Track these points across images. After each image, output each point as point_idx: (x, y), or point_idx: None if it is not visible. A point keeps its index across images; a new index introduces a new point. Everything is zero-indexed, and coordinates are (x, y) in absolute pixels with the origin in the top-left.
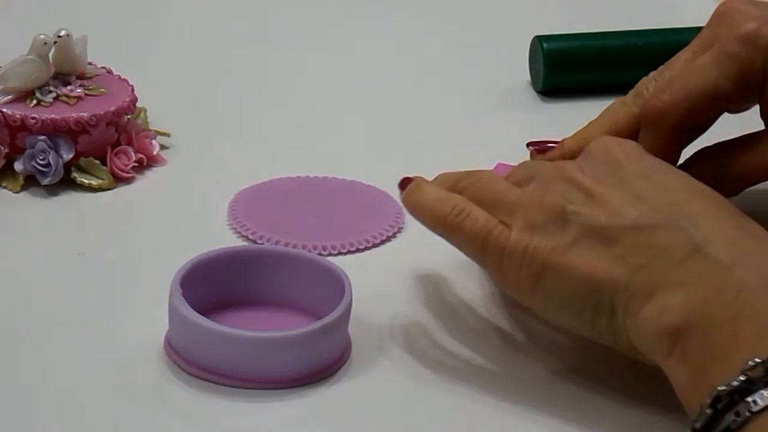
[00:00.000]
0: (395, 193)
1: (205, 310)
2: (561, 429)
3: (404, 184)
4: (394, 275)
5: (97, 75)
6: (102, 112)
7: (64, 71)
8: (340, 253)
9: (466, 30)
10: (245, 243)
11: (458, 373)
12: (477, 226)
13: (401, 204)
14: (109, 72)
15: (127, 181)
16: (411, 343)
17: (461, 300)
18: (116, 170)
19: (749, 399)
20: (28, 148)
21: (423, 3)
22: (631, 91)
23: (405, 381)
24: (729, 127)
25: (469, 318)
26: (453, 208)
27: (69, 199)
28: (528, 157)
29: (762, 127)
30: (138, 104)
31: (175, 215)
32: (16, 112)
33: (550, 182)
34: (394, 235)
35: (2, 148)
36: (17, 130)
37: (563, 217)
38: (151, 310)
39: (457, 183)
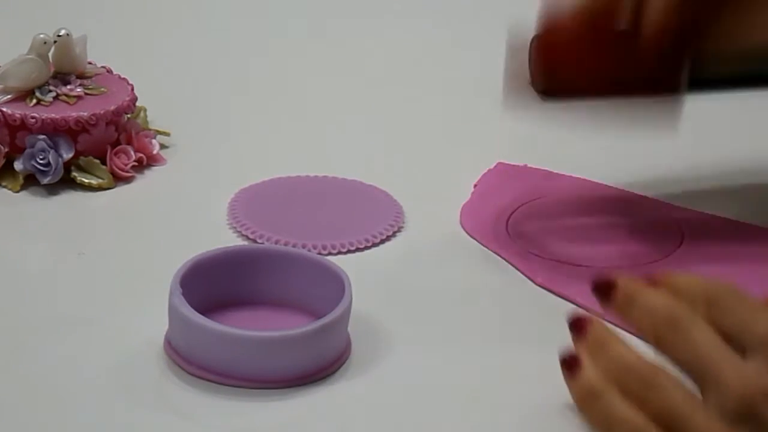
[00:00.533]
0: (395, 193)
1: (205, 310)
2: (562, 422)
3: (570, 365)
4: (394, 275)
5: (96, 74)
6: (102, 112)
7: (64, 71)
8: (340, 253)
9: (466, 30)
10: (245, 242)
11: (458, 372)
12: None
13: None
14: (109, 71)
15: (127, 180)
16: (411, 343)
17: (461, 299)
18: (116, 169)
19: None
20: (27, 147)
21: (423, 3)
22: None
23: (405, 381)
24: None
25: (470, 317)
26: None
27: (69, 198)
28: (526, 161)
29: None
30: (138, 103)
31: (175, 215)
32: (16, 111)
33: (738, 416)
34: (394, 235)
35: (2, 147)
36: (17, 129)
37: None
38: (151, 310)
39: (643, 395)
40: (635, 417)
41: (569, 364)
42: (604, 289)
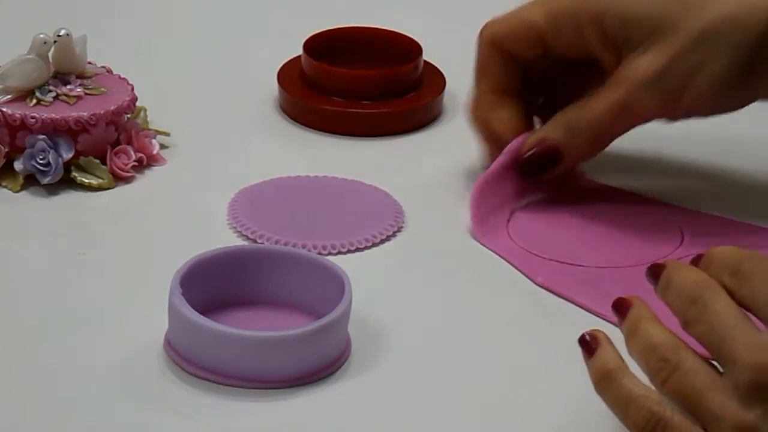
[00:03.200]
0: (395, 193)
1: (205, 310)
2: (563, 421)
3: (589, 345)
4: (394, 275)
5: (96, 74)
6: (102, 112)
7: (64, 71)
8: (340, 253)
9: (466, 30)
10: (245, 242)
11: (458, 372)
12: None
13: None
14: (109, 71)
15: (127, 180)
16: (411, 343)
17: (461, 299)
18: (116, 169)
19: None
20: (27, 147)
21: (423, 3)
22: None
23: (405, 381)
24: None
25: (470, 317)
26: (649, 420)
27: (69, 198)
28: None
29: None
30: (138, 103)
31: (175, 215)
32: (16, 111)
33: (752, 394)
34: (394, 235)
35: (2, 147)
36: (17, 129)
37: None
38: (151, 310)
39: (657, 373)
40: (650, 395)
41: (586, 344)
42: (654, 273)
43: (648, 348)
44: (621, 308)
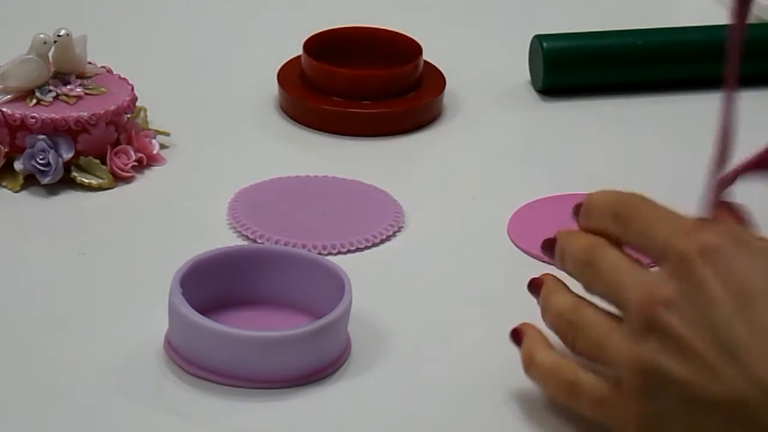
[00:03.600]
0: (395, 193)
1: (205, 310)
2: (563, 422)
3: (536, 284)
4: (394, 275)
5: (96, 74)
6: (102, 112)
7: (64, 71)
8: (340, 253)
9: (466, 30)
10: (245, 242)
11: (458, 372)
12: (587, 399)
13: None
14: (109, 71)
15: (127, 180)
16: (411, 343)
17: (461, 299)
18: (116, 169)
19: None
20: (27, 147)
21: (423, 3)
22: None
23: (405, 381)
24: None
25: (469, 318)
26: (565, 390)
27: (69, 198)
28: (524, 161)
29: None
30: (138, 103)
31: (175, 215)
32: (16, 111)
33: (641, 328)
34: (394, 235)
35: (2, 147)
36: (17, 129)
37: (657, 381)
38: (151, 310)
39: (565, 337)
40: (561, 364)
41: (513, 337)
42: (548, 247)
43: (555, 317)
44: (535, 288)
